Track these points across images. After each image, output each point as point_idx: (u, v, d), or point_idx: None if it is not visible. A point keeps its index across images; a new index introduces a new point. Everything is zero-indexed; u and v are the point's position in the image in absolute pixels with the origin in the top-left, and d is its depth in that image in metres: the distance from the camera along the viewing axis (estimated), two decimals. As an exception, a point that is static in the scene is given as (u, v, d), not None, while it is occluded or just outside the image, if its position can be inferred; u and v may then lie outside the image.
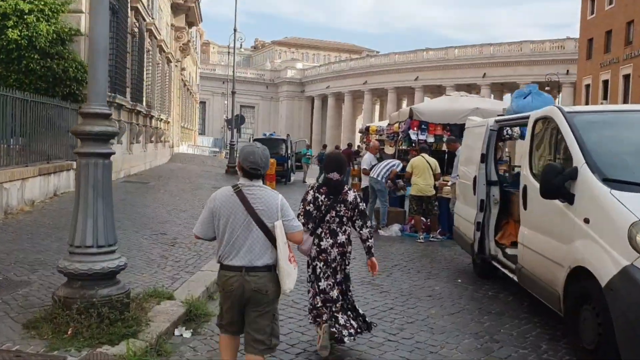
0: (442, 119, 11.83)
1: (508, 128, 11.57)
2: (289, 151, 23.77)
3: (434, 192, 10.53)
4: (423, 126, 11.73)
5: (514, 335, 5.45)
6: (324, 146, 23.89)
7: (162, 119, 27.45)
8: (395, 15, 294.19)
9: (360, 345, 5.04)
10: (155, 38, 24.48)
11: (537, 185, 5.52)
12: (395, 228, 11.15)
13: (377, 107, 73.07)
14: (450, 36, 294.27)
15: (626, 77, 38.21)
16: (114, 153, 5.10)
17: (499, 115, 8.28)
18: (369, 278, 7.49)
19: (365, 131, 22.09)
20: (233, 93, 26.19)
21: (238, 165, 3.66)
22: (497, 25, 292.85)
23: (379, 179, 11.24)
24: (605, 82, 40.64)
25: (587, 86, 43.38)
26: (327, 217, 4.74)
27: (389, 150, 13.71)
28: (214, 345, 4.79)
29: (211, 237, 3.68)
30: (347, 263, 4.94)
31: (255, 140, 24.33)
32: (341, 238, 4.77)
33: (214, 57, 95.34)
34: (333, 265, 4.79)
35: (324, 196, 4.75)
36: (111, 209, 4.95)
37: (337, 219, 4.74)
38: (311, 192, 4.83)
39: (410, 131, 11.71)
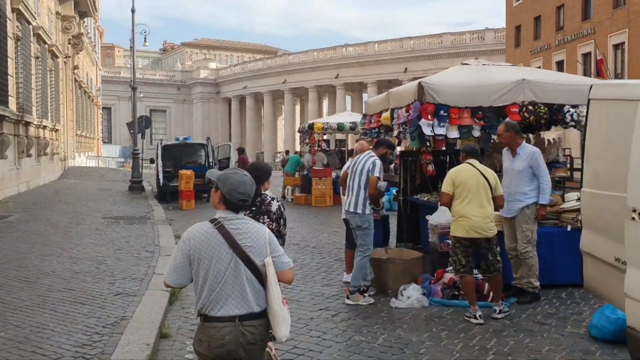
0: (470, 101, 6.95)
1: (570, 110, 6.87)
2: (211, 158, 18.27)
3: (495, 230, 5.60)
4: (442, 112, 6.80)
5: None
6: (287, 152, 18.90)
7: (46, 127, 21.04)
8: (308, 17, 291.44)
9: None
10: (28, 23, 18.16)
11: None
12: (415, 292, 6.09)
13: (298, 107, 68.08)
14: (363, 37, 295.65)
15: (559, 64, 35.45)
16: None
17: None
18: None
19: (309, 130, 17.02)
20: (134, 89, 20.14)
21: (219, 197, 2.91)
22: (406, 24, 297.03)
23: (359, 210, 6.32)
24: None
25: (517, 75, 40.54)
26: None
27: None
28: None
29: (185, 285, 2.98)
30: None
31: (166, 146, 18.57)
32: None
33: (120, 60, 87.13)
34: None
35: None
36: None
37: None
38: None
39: (422, 121, 6.74)
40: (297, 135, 62.98)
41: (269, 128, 65.29)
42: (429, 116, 6.78)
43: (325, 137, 18.06)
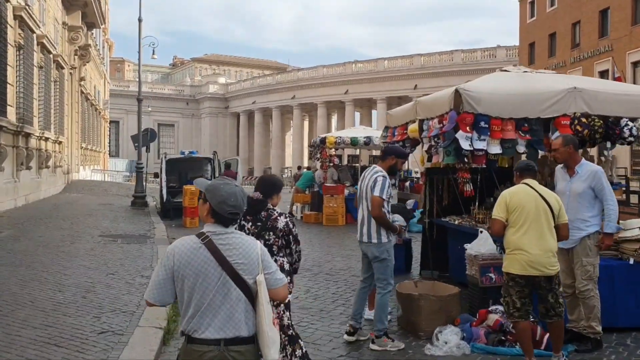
0: (514, 111, 5.99)
1: (629, 123, 5.90)
2: (217, 173, 17.37)
3: (558, 267, 4.58)
4: (482, 123, 5.85)
5: None
6: (299, 167, 18.42)
7: (48, 139, 20.25)
8: (317, 35, 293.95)
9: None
10: (32, 31, 17.45)
11: None
12: (453, 337, 5.08)
13: (306, 123, 67.32)
14: (372, 55, 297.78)
15: (575, 82, 34.48)
16: None
17: None
18: None
19: (320, 144, 16.07)
20: (139, 101, 19.33)
21: (207, 210, 2.68)
22: (415, 43, 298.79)
23: (374, 239, 5.32)
24: (551, 88, 36.87)
25: (530, 93, 39.59)
26: None
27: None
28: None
29: (168, 303, 2.73)
30: None
31: (170, 160, 17.68)
32: None
33: (130, 75, 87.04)
34: None
35: (250, 224, 4.00)
36: None
37: (267, 249, 3.39)
38: None
39: (460, 133, 5.78)
40: (305, 151, 62.10)
41: (277, 143, 64.50)
42: (468, 128, 5.81)
43: (336, 152, 17.11)
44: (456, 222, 7.25)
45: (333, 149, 16.44)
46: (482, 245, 5.72)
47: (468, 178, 6.17)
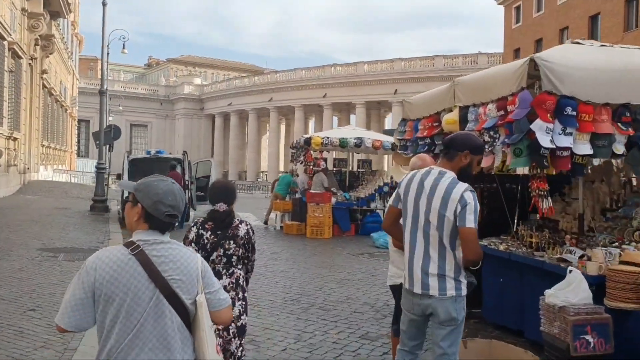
0: (610, 94, 4.08)
1: None
2: (187, 176, 15.22)
3: None
4: (569, 110, 3.94)
5: None
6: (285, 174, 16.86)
7: (0, 134, 17.86)
8: (295, 40, 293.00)
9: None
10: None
11: None
12: None
13: (283, 127, 65.21)
14: (349, 61, 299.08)
15: (561, 89, 33.24)
16: None
17: None
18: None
19: (305, 145, 13.99)
20: (101, 93, 17.01)
21: (139, 213, 2.11)
22: (393, 50, 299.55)
23: (450, 291, 3.16)
24: (537, 95, 35.65)
25: (514, 100, 38.29)
26: (213, 257, 3.66)
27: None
28: None
29: (86, 328, 2.10)
30: (238, 312, 3.64)
31: (134, 160, 15.47)
32: (224, 281, 3.62)
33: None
34: None
35: (209, 232, 3.69)
36: None
37: (225, 259, 3.69)
38: (194, 228, 3.72)
39: (537, 123, 3.86)
40: (282, 154, 59.78)
41: (253, 147, 62.18)
42: (548, 116, 3.87)
43: (321, 154, 15.10)
44: (502, 248, 5.29)
45: (320, 151, 14.41)
46: (571, 291, 3.77)
47: (546, 190, 4.18)
